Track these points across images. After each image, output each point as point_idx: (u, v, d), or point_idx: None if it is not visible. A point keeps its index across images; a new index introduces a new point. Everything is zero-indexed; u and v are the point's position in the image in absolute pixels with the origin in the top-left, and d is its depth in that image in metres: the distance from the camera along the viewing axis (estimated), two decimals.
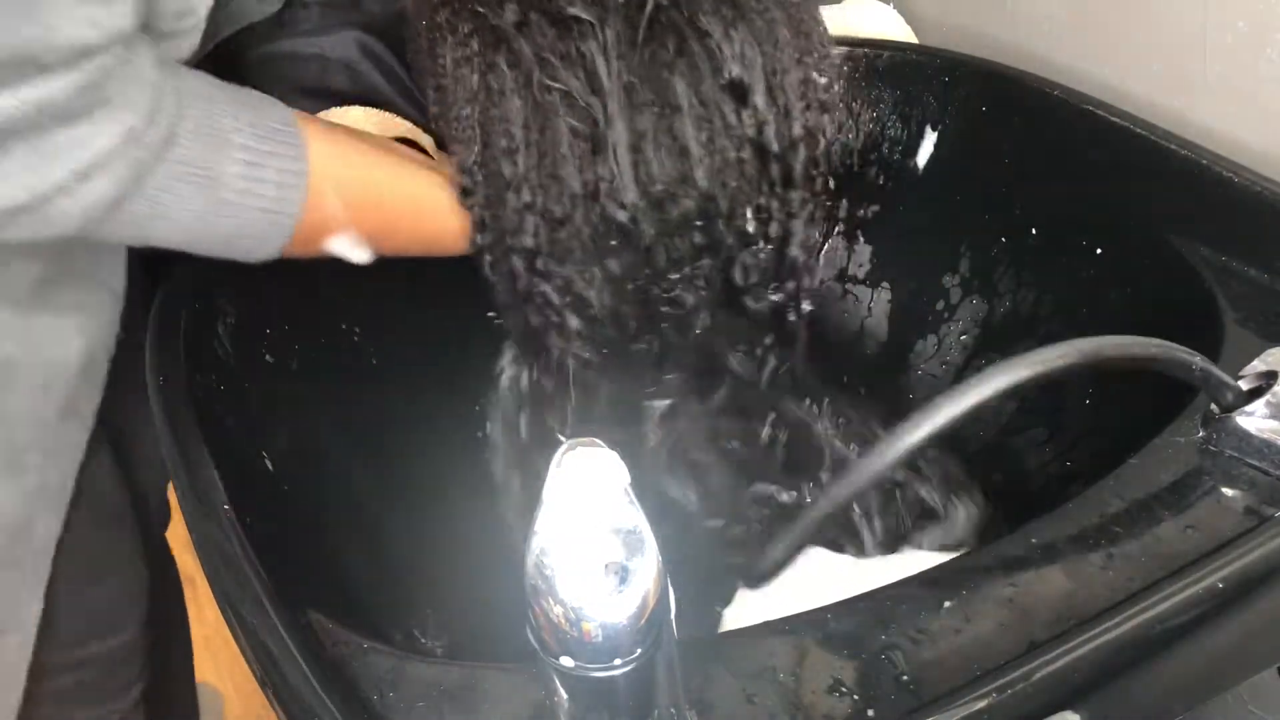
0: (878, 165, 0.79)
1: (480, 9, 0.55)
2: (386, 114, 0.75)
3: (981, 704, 0.38)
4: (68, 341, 0.58)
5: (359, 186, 0.55)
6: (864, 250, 0.81)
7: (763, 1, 0.57)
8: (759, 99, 0.57)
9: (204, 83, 0.49)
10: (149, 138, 0.45)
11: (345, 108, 0.75)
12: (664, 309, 0.63)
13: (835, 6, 0.83)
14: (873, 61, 0.78)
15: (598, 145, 0.55)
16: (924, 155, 0.77)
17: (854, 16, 0.82)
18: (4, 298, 0.55)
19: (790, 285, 0.64)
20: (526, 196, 0.56)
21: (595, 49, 0.54)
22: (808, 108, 0.59)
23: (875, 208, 0.80)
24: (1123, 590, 0.42)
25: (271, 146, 0.50)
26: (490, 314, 0.63)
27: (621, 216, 0.57)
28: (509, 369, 0.71)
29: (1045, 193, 0.71)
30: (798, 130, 0.58)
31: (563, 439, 0.32)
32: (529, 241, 0.57)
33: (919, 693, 0.39)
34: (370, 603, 0.58)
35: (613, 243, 0.59)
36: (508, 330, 0.63)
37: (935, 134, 0.77)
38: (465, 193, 0.57)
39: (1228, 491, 0.46)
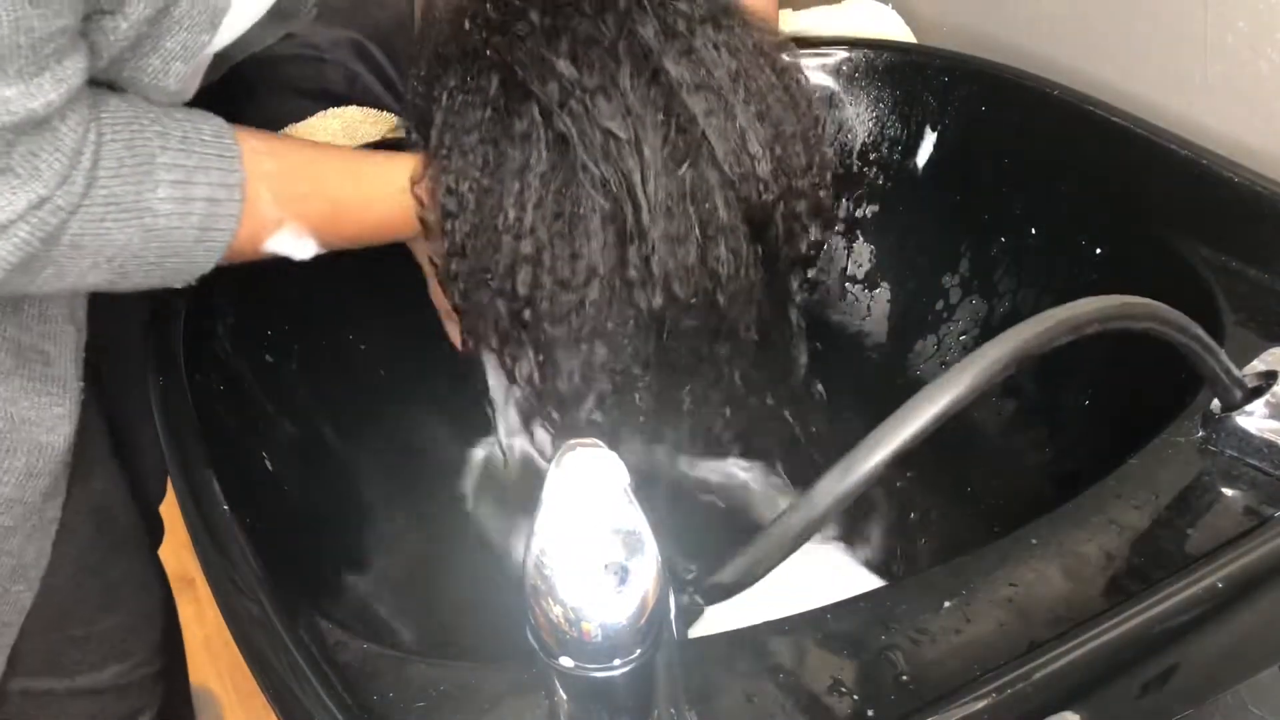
0: (878, 165, 0.79)
1: (522, 74, 0.54)
2: (385, 114, 0.75)
3: (981, 704, 0.38)
4: (55, 427, 0.57)
5: (294, 182, 0.54)
6: (864, 250, 0.81)
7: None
8: (763, 167, 0.57)
9: (130, 108, 0.48)
10: (59, 201, 0.44)
11: (344, 108, 0.75)
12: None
13: (835, 6, 0.83)
14: (873, 61, 0.78)
15: (628, 235, 0.55)
16: (924, 155, 0.77)
17: (854, 16, 0.82)
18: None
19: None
20: (528, 249, 0.55)
21: (633, 165, 0.54)
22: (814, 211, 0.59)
23: (875, 208, 0.80)
24: (1123, 590, 0.42)
25: (199, 160, 0.49)
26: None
27: (643, 306, 0.56)
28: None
29: (1045, 193, 0.71)
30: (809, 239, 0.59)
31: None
32: (523, 290, 0.56)
33: (919, 693, 0.39)
34: (370, 603, 0.58)
35: (617, 327, 0.57)
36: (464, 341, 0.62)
37: (935, 134, 0.77)
38: (447, 214, 0.56)
39: (1228, 491, 0.46)
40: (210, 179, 0.49)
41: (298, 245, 0.54)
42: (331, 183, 0.55)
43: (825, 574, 0.68)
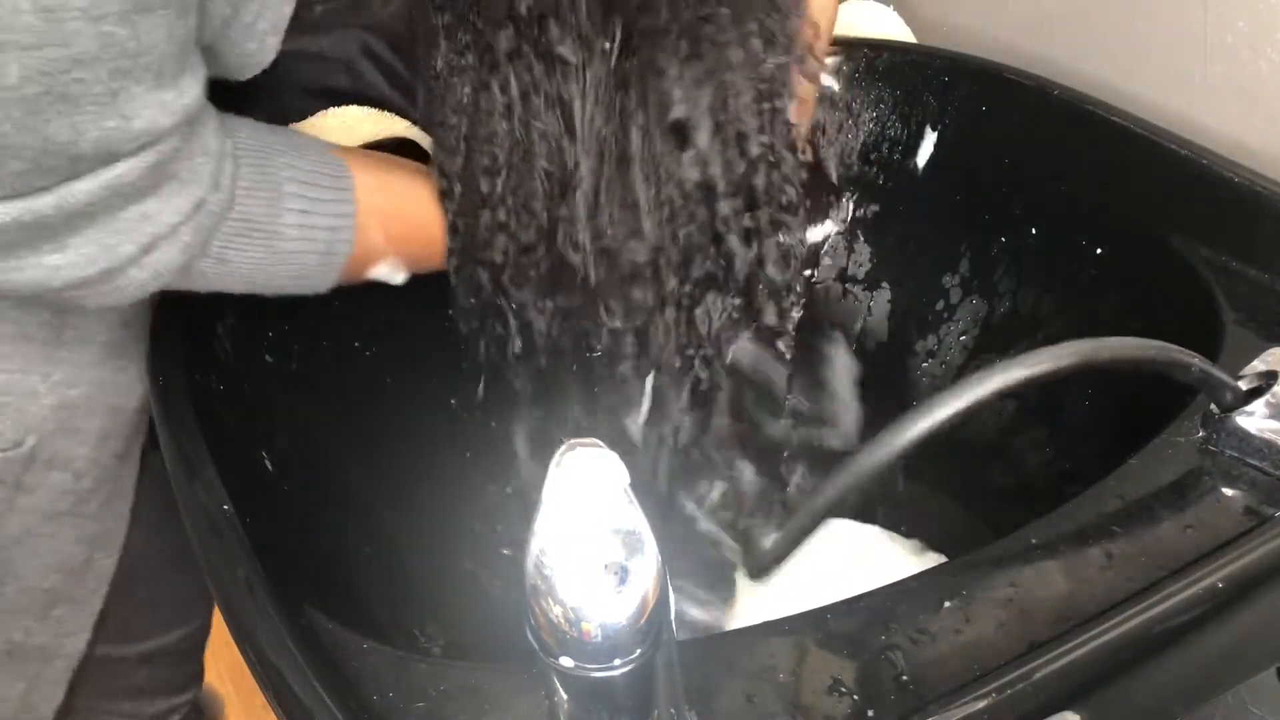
0: (878, 165, 0.79)
1: (480, 25, 0.55)
2: (385, 113, 0.75)
3: (981, 704, 0.38)
4: (130, 389, 0.61)
5: (398, 216, 0.57)
6: (864, 250, 0.81)
7: (719, 32, 0.56)
8: (702, 137, 0.56)
9: (256, 134, 0.51)
10: (213, 204, 0.47)
11: (344, 107, 0.75)
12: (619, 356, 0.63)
13: None
14: (872, 61, 0.78)
15: (565, 187, 0.56)
16: (924, 155, 0.77)
17: (853, 16, 0.82)
18: (83, 345, 0.57)
19: (769, 318, 0.64)
20: (501, 216, 0.57)
21: (576, 93, 0.55)
22: (761, 131, 0.58)
23: (875, 208, 0.80)
24: (1123, 590, 0.42)
25: (321, 193, 0.53)
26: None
27: (574, 259, 0.58)
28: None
29: (1045, 193, 0.71)
30: (755, 151, 0.58)
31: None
32: (497, 258, 0.58)
33: (919, 693, 0.39)
34: (370, 603, 0.58)
35: (565, 281, 0.59)
36: (461, 338, 0.64)
37: (935, 134, 0.77)
38: (444, 195, 0.58)
39: (1228, 491, 0.46)
40: (329, 209, 0.53)
41: (397, 271, 0.59)
42: (431, 216, 0.59)
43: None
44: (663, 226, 0.58)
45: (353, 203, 0.54)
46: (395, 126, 0.73)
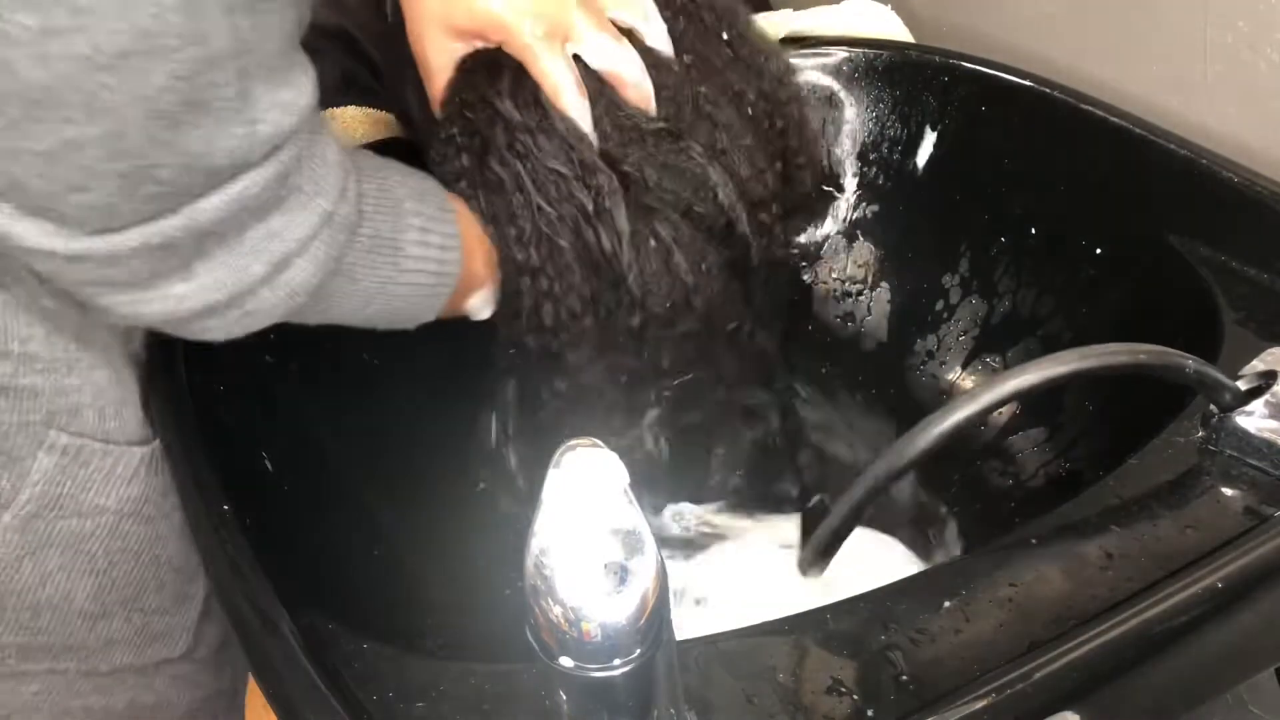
0: (878, 165, 0.79)
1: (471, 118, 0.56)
2: (381, 114, 0.75)
3: (981, 704, 0.38)
4: None
5: (485, 243, 0.56)
6: (864, 250, 0.81)
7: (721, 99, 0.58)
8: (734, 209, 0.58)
9: (367, 156, 0.50)
10: (342, 216, 0.45)
11: (343, 108, 0.75)
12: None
13: (833, 7, 0.83)
14: (873, 61, 0.78)
15: (600, 266, 0.56)
16: (924, 155, 0.77)
17: (852, 16, 0.82)
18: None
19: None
20: (544, 285, 0.56)
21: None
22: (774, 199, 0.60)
23: (875, 208, 0.80)
24: (1123, 590, 0.42)
25: (433, 210, 0.51)
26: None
27: (624, 326, 0.58)
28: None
29: (1045, 192, 0.71)
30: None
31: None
32: (547, 322, 0.57)
33: (919, 693, 0.39)
34: (370, 603, 0.58)
35: (615, 342, 0.59)
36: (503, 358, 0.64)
37: (935, 134, 0.77)
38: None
39: (1227, 491, 0.46)
40: (441, 228, 0.52)
41: (489, 303, 0.58)
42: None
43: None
44: (709, 294, 0.58)
45: (457, 224, 0.52)
46: (393, 126, 0.73)
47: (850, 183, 0.80)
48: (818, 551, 0.47)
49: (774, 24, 0.79)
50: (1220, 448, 0.48)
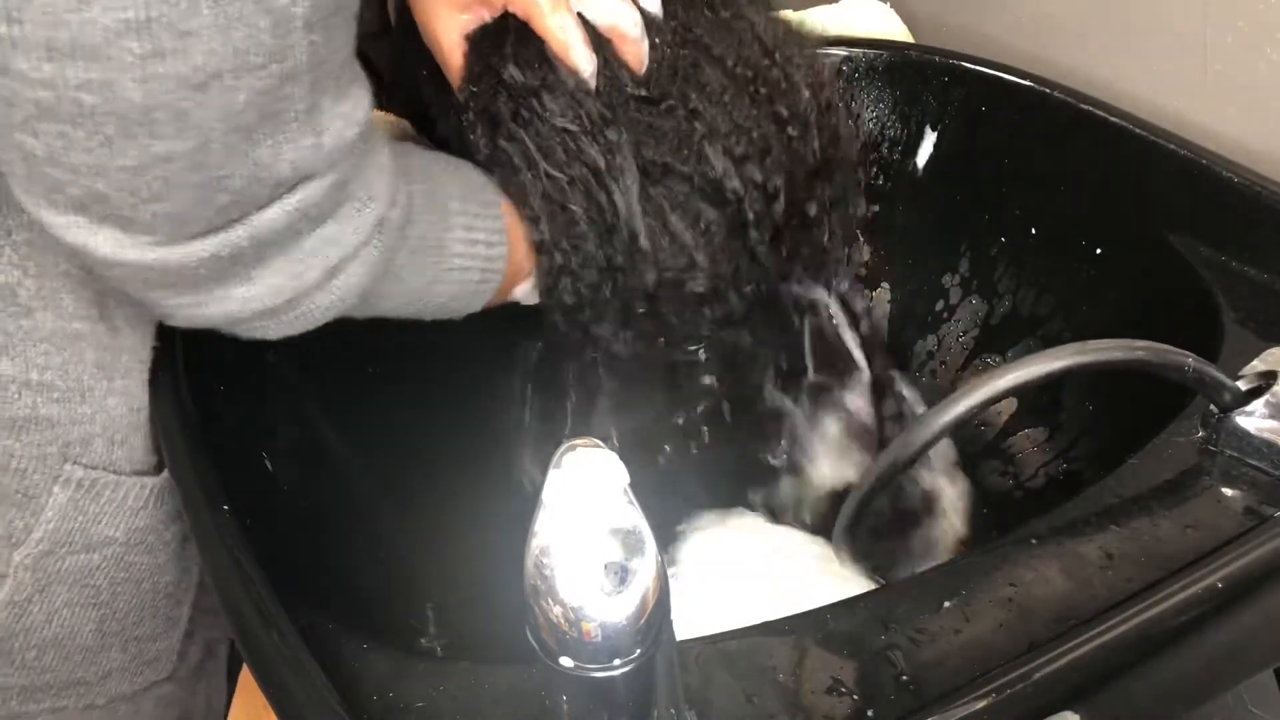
0: (878, 165, 0.79)
1: (477, 92, 0.56)
2: (381, 114, 0.75)
3: (981, 704, 0.38)
4: None
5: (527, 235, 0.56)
6: (864, 250, 0.81)
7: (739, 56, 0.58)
8: (729, 163, 0.57)
9: (413, 152, 0.50)
10: (393, 221, 0.46)
11: None
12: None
13: (833, 6, 0.83)
14: (872, 61, 0.78)
15: (610, 227, 0.56)
16: (924, 155, 0.77)
17: (852, 16, 0.82)
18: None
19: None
20: (559, 259, 0.57)
21: (590, 144, 0.55)
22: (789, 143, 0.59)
23: (875, 208, 0.80)
24: (1123, 590, 0.42)
25: (478, 208, 0.52)
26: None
27: (639, 294, 0.58)
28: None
29: (1045, 192, 0.71)
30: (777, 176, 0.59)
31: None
32: (568, 299, 0.58)
33: (919, 693, 0.39)
34: (370, 603, 0.58)
35: (636, 313, 0.59)
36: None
37: (935, 134, 0.77)
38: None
39: (1228, 491, 0.46)
40: (487, 225, 0.52)
41: (534, 292, 0.57)
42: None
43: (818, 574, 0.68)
44: (712, 252, 0.58)
45: (503, 217, 0.53)
46: (390, 119, 0.73)
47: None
48: (845, 529, 0.50)
49: None
50: (1220, 448, 0.48)
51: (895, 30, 0.83)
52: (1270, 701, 0.50)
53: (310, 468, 0.60)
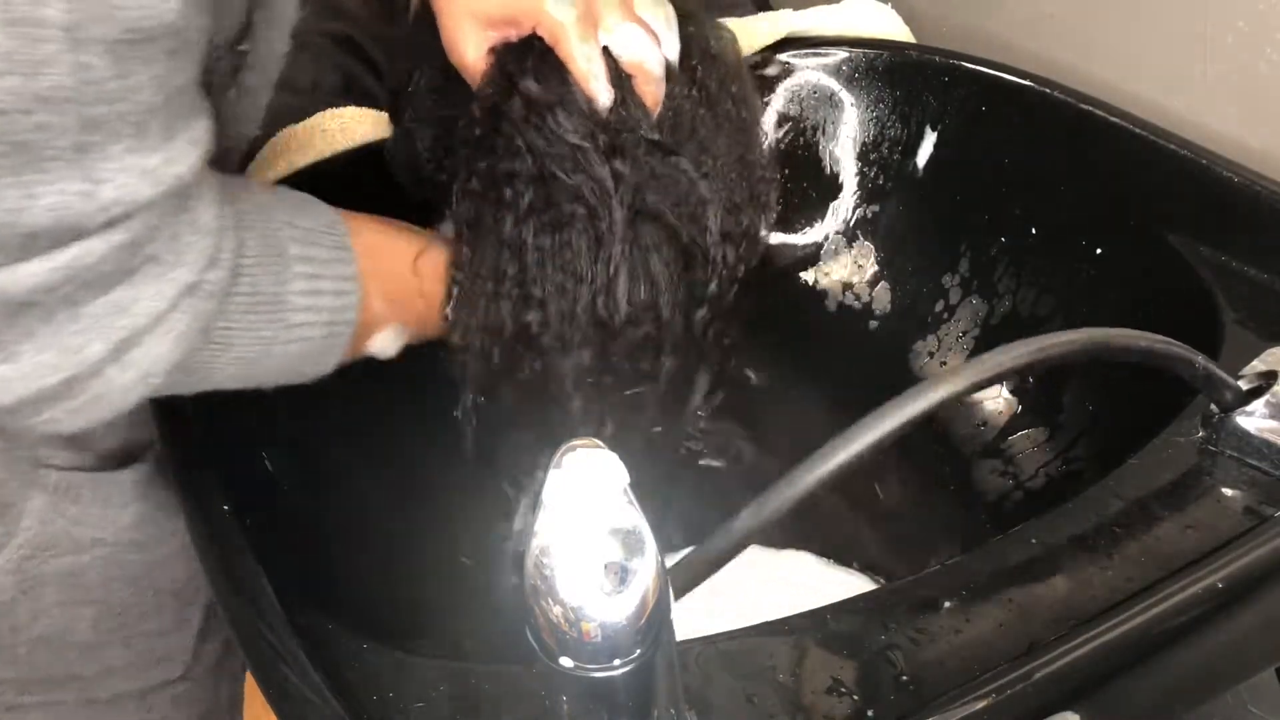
0: (878, 165, 0.79)
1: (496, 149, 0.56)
2: (383, 114, 0.75)
3: (981, 704, 0.38)
4: None
5: (396, 278, 0.53)
6: (864, 250, 0.81)
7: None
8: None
9: (251, 193, 0.45)
10: (210, 285, 0.40)
11: (343, 108, 0.75)
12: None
13: (833, 6, 0.83)
14: (873, 61, 0.78)
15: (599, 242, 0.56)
16: (924, 155, 0.77)
17: (852, 16, 0.82)
18: None
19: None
20: (536, 292, 0.56)
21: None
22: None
23: (875, 208, 0.80)
24: (1123, 590, 0.42)
25: (324, 253, 0.46)
26: None
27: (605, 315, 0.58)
28: None
29: (1045, 192, 0.71)
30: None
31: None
32: (534, 328, 0.57)
33: (919, 693, 0.39)
34: (370, 603, 0.58)
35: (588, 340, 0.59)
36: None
37: (935, 134, 0.77)
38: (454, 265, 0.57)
39: (1228, 491, 0.46)
40: (334, 272, 0.46)
41: (397, 340, 0.53)
42: (433, 283, 0.55)
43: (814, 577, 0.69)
44: (670, 303, 0.59)
45: (354, 264, 0.47)
46: (380, 119, 0.73)
47: (850, 183, 0.80)
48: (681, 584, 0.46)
49: (774, 23, 0.79)
50: (1220, 448, 0.48)
51: (896, 30, 0.83)
52: (1270, 701, 0.50)
53: (310, 468, 0.60)
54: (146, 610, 0.57)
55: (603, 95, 0.55)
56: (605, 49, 0.55)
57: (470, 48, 0.56)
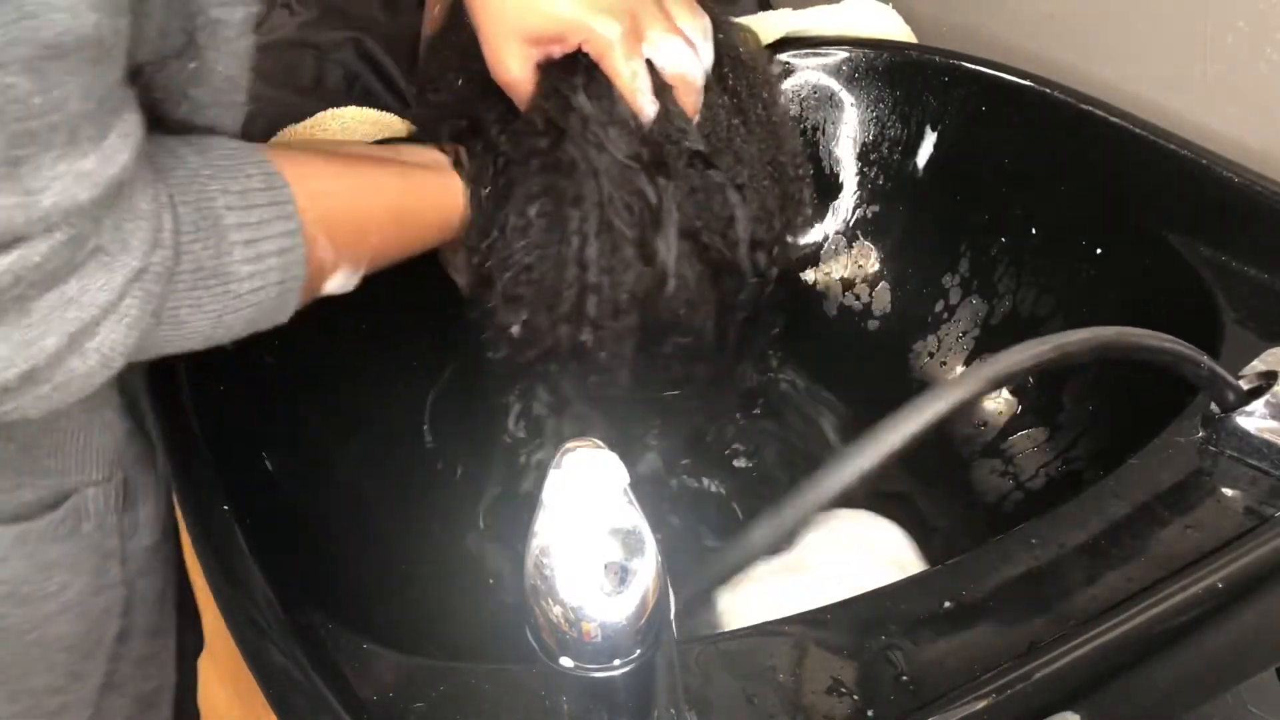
0: (878, 165, 0.79)
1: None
2: (384, 114, 0.75)
3: (981, 704, 0.38)
4: None
5: (347, 216, 0.52)
6: (864, 250, 0.81)
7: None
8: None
9: (183, 162, 0.44)
10: (156, 267, 0.40)
11: (344, 108, 0.75)
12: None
13: (834, 6, 0.83)
14: (873, 61, 0.78)
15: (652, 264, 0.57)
16: (924, 155, 0.77)
17: (853, 16, 0.82)
18: None
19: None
20: (591, 278, 0.57)
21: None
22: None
23: (875, 208, 0.80)
24: (1123, 590, 0.42)
25: (261, 214, 0.45)
26: None
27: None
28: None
29: (1045, 192, 0.71)
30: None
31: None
32: (591, 312, 0.58)
33: (919, 693, 0.39)
34: (370, 603, 0.58)
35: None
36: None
37: (935, 134, 0.77)
38: (471, 250, 0.58)
39: (1228, 491, 0.46)
40: (275, 230, 0.46)
41: (348, 282, 0.52)
42: (384, 200, 0.54)
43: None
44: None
45: (295, 217, 0.46)
46: (394, 126, 0.73)
47: (850, 183, 0.80)
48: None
49: (774, 23, 0.79)
50: (1220, 448, 0.48)
51: (897, 30, 0.82)
52: (1270, 701, 0.50)
53: (310, 468, 0.60)
54: (33, 665, 0.54)
55: (648, 109, 0.56)
56: (648, 61, 0.56)
57: (515, 64, 0.56)
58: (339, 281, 0.51)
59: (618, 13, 0.55)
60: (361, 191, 0.53)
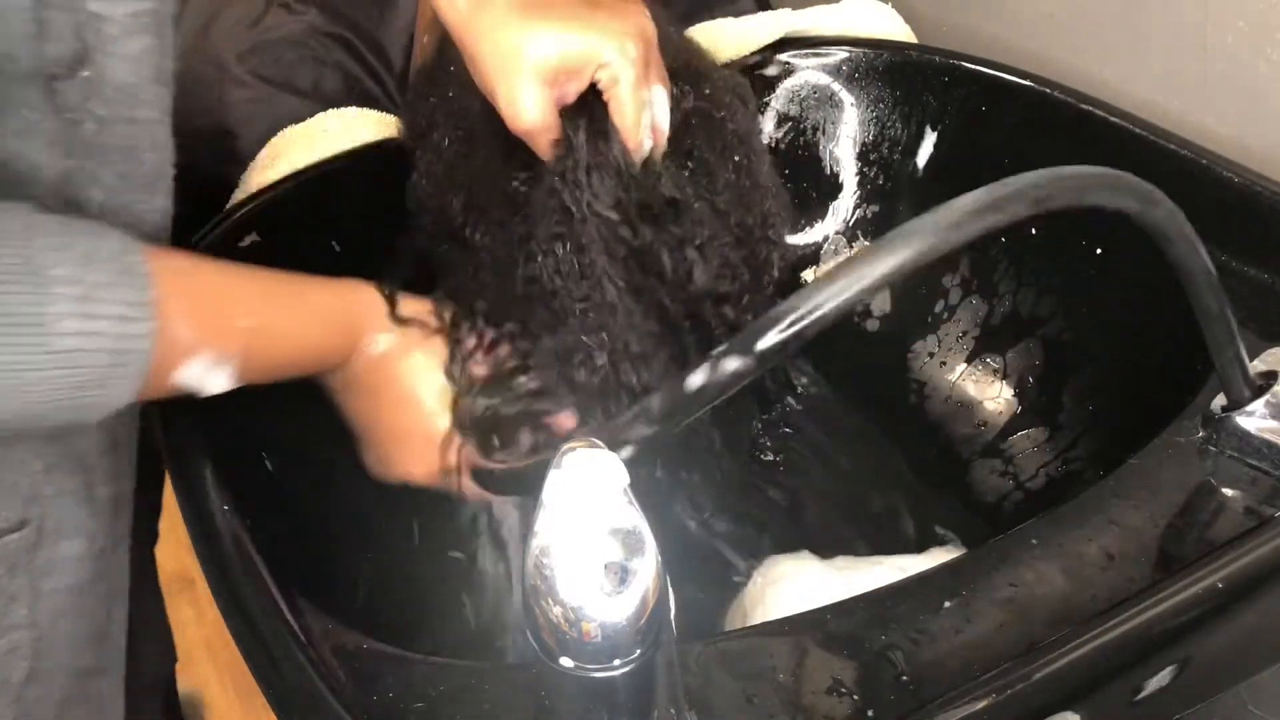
0: (878, 165, 0.79)
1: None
2: (384, 115, 0.75)
3: (981, 704, 0.38)
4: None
5: (216, 301, 0.48)
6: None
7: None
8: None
9: (22, 220, 0.41)
10: None
11: (344, 109, 0.75)
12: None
13: (834, 6, 0.83)
14: (873, 61, 0.78)
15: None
16: (924, 155, 0.77)
17: (853, 16, 0.82)
18: None
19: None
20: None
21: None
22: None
23: (875, 208, 0.80)
24: (1123, 590, 0.42)
25: (104, 276, 0.42)
26: None
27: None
28: None
29: None
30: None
31: None
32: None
33: (919, 693, 0.39)
34: (370, 602, 0.58)
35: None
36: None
37: (935, 134, 0.77)
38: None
39: (1228, 491, 0.46)
40: (116, 295, 0.42)
41: (214, 375, 0.47)
42: (264, 304, 0.50)
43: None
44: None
45: (148, 287, 0.43)
46: (396, 126, 0.73)
47: (850, 183, 0.80)
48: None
49: (774, 24, 0.79)
50: (1220, 448, 0.48)
51: (896, 30, 0.83)
52: (1270, 701, 0.50)
53: (310, 468, 0.60)
54: None
55: (647, 143, 0.55)
56: None
57: (534, 108, 0.52)
58: (201, 372, 0.47)
59: (634, 37, 0.52)
60: (231, 270, 0.50)
